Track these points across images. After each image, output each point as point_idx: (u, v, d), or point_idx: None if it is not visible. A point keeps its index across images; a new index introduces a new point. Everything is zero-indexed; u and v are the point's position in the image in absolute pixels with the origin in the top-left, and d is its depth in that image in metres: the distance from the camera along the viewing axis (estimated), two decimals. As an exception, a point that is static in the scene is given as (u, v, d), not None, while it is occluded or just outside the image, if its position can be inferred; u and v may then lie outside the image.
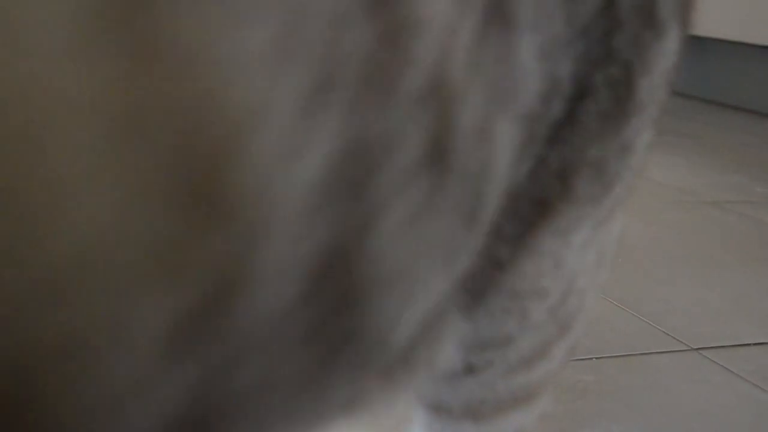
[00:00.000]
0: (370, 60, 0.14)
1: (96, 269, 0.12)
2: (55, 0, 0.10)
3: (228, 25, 0.12)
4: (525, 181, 0.22)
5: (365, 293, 0.16)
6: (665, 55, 0.25)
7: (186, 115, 0.12)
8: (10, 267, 0.11)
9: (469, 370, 0.26)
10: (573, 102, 0.23)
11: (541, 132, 0.22)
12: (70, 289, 0.12)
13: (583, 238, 0.25)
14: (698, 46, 2.38)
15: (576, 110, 0.23)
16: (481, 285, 0.24)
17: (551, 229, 0.24)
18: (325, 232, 0.15)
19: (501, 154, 0.19)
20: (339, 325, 0.16)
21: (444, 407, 0.27)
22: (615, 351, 0.61)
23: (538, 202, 0.23)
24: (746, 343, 0.65)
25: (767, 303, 0.75)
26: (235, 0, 0.12)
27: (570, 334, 0.28)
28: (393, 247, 0.16)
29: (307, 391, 0.17)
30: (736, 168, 1.35)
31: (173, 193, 0.12)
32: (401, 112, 0.15)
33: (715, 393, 0.56)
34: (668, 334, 0.65)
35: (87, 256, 0.12)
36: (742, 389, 0.57)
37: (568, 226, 0.24)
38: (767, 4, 2.04)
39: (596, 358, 0.60)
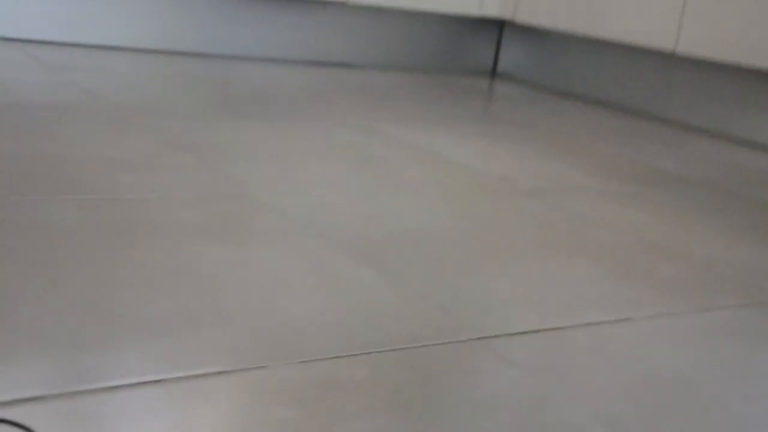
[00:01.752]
0: None
1: None
2: None
3: None
4: None
5: None
6: None
7: None
8: None
9: None
10: None
11: None
12: None
13: None
14: (537, 36, 2.46)
15: None
16: None
17: None
18: None
19: None
20: None
21: None
22: (395, 345, 0.62)
23: None
24: (525, 331, 0.67)
25: (556, 291, 0.77)
26: None
27: None
28: None
29: None
30: (559, 156, 1.39)
31: None
32: None
33: (486, 382, 0.58)
34: (452, 325, 0.66)
35: None
36: (512, 378, 0.59)
37: None
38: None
39: (375, 352, 0.60)
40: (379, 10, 2.30)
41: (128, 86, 1.53)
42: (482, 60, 2.51)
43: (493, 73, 2.52)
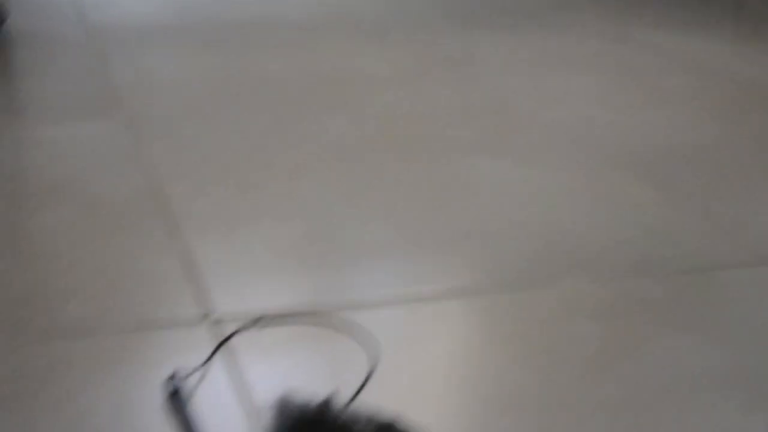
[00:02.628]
0: None
1: None
2: None
3: None
4: None
5: None
6: None
7: None
8: None
9: None
10: None
11: None
12: None
13: None
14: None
15: None
16: None
17: None
18: None
19: None
20: None
21: None
22: (685, 265, 0.61)
23: None
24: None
25: None
26: None
27: None
28: None
29: None
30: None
31: None
32: None
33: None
34: (743, 247, 0.64)
35: None
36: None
37: None
38: None
39: (667, 272, 0.60)
40: None
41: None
42: (733, -47, 2.32)
43: (745, -34, 2.33)
